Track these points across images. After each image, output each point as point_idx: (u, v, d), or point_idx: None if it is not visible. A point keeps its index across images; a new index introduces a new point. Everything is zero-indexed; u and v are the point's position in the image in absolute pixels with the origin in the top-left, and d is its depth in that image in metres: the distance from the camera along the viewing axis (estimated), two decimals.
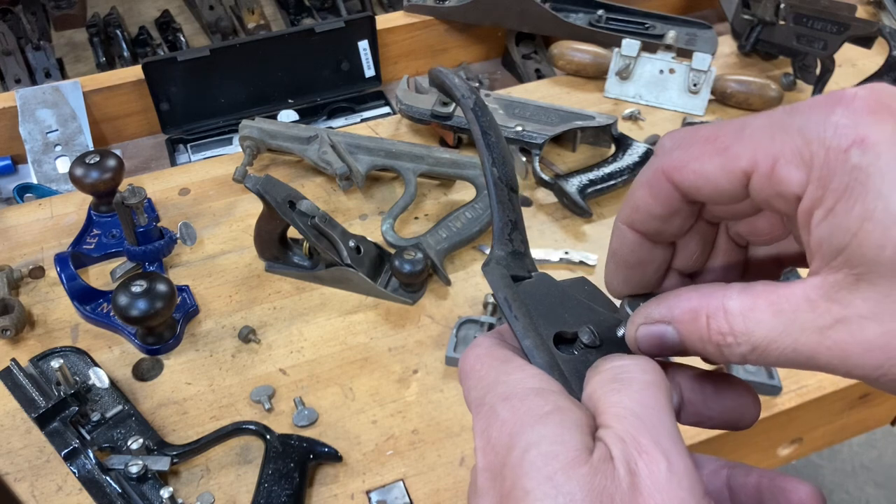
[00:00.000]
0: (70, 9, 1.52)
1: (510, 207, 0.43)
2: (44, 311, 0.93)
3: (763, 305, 0.31)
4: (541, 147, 1.07)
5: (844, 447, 2.11)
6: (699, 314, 0.33)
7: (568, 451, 0.30)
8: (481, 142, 0.43)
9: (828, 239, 0.29)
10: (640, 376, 0.34)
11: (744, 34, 1.27)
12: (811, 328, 0.30)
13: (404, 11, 1.33)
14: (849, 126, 0.28)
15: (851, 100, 0.29)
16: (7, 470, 0.78)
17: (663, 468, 0.30)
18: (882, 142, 0.28)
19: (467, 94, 0.43)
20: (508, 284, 0.40)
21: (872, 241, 0.28)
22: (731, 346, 0.32)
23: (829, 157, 0.28)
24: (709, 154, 0.32)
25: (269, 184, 0.89)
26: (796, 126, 0.30)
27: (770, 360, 0.31)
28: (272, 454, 0.77)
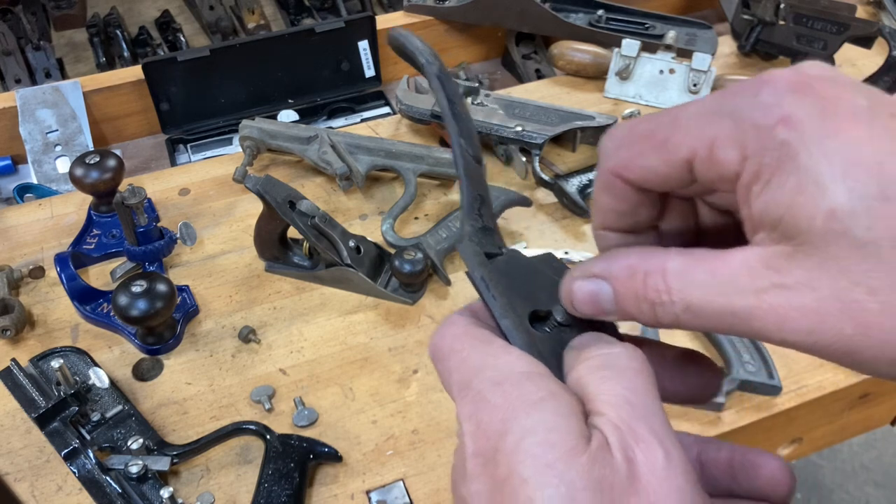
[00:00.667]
0: (70, 9, 1.52)
1: (478, 182, 0.41)
2: (44, 311, 0.93)
3: (702, 267, 0.32)
4: (541, 147, 1.07)
5: (844, 447, 2.11)
6: (637, 271, 0.33)
7: (566, 439, 0.30)
8: (448, 112, 0.41)
9: (765, 212, 0.30)
10: (630, 364, 0.34)
11: (744, 34, 1.27)
12: (748, 290, 0.30)
13: (404, 11, 1.33)
14: (774, 105, 0.30)
15: (776, 80, 0.30)
16: (7, 470, 0.78)
17: (660, 456, 0.30)
18: (805, 118, 0.29)
19: (431, 60, 0.41)
20: (483, 262, 0.39)
21: (804, 213, 0.29)
22: (666, 304, 0.32)
23: (759, 135, 0.30)
24: (649, 149, 0.33)
25: (269, 184, 0.89)
26: (727, 110, 0.31)
27: (703, 320, 0.32)
28: (272, 454, 0.77)
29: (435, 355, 0.37)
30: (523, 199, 1.01)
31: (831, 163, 0.28)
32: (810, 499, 2.04)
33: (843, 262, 0.28)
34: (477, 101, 1.12)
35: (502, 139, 1.09)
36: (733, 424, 0.83)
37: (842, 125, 0.29)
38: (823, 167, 0.28)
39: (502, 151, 1.11)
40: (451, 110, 0.41)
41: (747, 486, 0.38)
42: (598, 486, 0.29)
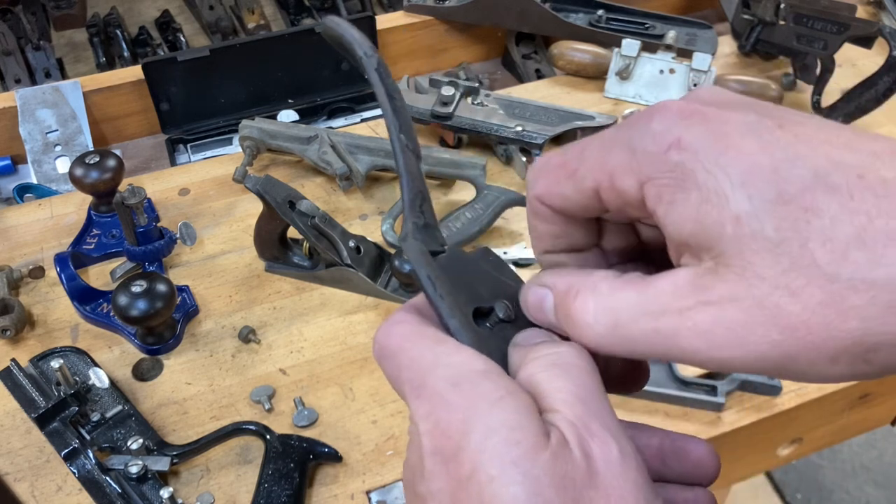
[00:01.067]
0: (70, 9, 1.52)
1: (418, 177, 0.41)
2: (44, 311, 0.93)
3: (630, 288, 0.33)
4: (541, 147, 1.07)
5: (844, 447, 2.11)
6: (571, 288, 0.34)
7: (528, 436, 0.31)
8: (387, 105, 0.40)
9: (676, 231, 0.31)
10: (578, 362, 0.34)
11: (744, 34, 1.27)
12: (673, 310, 0.31)
13: (404, 11, 1.33)
14: (664, 132, 0.31)
15: (666, 109, 0.32)
16: (7, 470, 0.78)
17: (615, 451, 0.31)
18: (695, 140, 0.30)
19: (370, 52, 0.39)
20: (429, 261, 0.39)
21: (711, 222, 0.29)
22: (591, 325, 0.33)
23: (652, 161, 0.31)
24: (562, 179, 0.35)
25: (269, 184, 0.89)
26: (623, 140, 0.32)
27: (628, 342, 0.32)
28: (272, 454, 0.77)
29: (381, 353, 0.37)
30: (523, 199, 1.01)
31: (728, 174, 0.29)
32: (810, 499, 2.04)
33: (758, 267, 0.29)
34: (477, 101, 1.12)
35: (502, 139, 1.09)
36: (733, 424, 0.83)
37: (733, 141, 0.30)
38: (721, 179, 0.29)
39: (502, 151, 1.11)
40: (391, 105, 0.40)
41: (677, 469, 0.39)
42: (562, 481, 0.30)
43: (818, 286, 0.28)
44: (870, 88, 1.10)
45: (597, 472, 0.31)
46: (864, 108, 1.11)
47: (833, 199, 0.28)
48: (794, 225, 0.28)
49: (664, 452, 0.39)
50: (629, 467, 0.31)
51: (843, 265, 0.27)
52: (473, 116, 1.10)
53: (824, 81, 1.16)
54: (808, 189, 0.28)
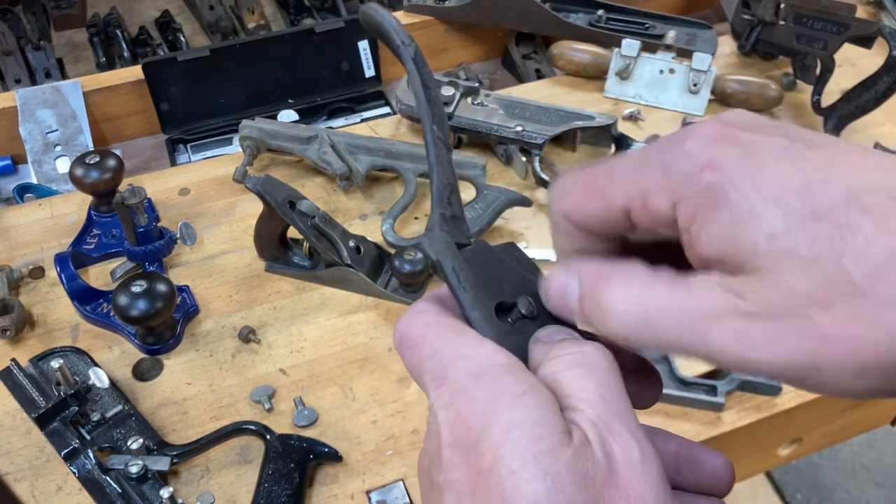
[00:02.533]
0: (70, 9, 1.52)
1: (449, 169, 0.41)
2: (44, 311, 0.93)
3: (663, 283, 0.33)
4: (541, 147, 1.07)
5: (844, 447, 2.11)
6: (602, 275, 0.34)
7: (552, 433, 0.31)
8: (422, 97, 0.40)
9: (709, 250, 0.32)
10: (601, 362, 0.35)
11: (744, 34, 1.27)
12: (707, 311, 0.31)
13: (404, 11, 1.33)
14: (698, 153, 0.32)
15: (699, 132, 0.32)
16: (7, 470, 0.78)
17: (636, 452, 0.31)
18: (729, 161, 0.31)
19: (407, 42, 0.40)
20: (455, 253, 0.39)
21: (745, 240, 0.30)
22: (620, 313, 0.33)
23: (686, 181, 0.32)
24: (589, 197, 0.35)
25: (269, 184, 0.89)
26: (656, 160, 0.33)
27: (659, 335, 0.32)
28: (272, 454, 0.77)
29: (402, 343, 0.37)
30: (523, 199, 1.01)
31: (761, 194, 0.30)
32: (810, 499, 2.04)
33: (793, 283, 0.29)
34: (477, 101, 1.12)
35: (502, 139, 1.09)
36: (733, 424, 0.83)
37: (765, 163, 0.31)
38: (754, 198, 0.30)
39: (502, 151, 1.11)
40: (425, 95, 0.40)
41: (691, 479, 0.39)
42: (583, 479, 0.30)
43: (851, 301, 0.28)
44: (870, 88, 1.10)
45: (617, 471, 0.31)
46: (864, 108, 1.11)
47: (867, 217, 0.29)
48: (828, 242, 0.29)
49: (679, 460, 0.39)
50: (649, 468, 0.31)
51: (877, 282, 0.28)
52: (473, 116, 1.10)
53: (824, 81, 1.16)
54: (841, 207, 0.29)
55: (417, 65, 0.40)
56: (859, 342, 0.28)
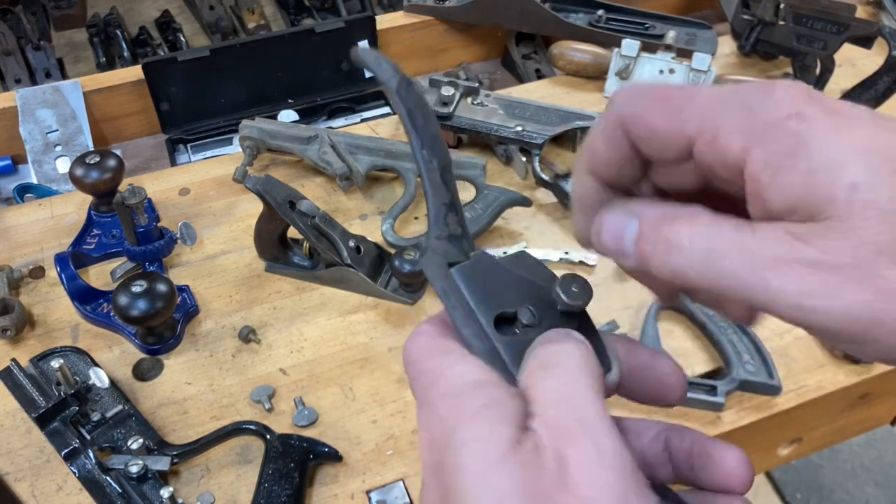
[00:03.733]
0: (70, 9, 1.52)
1: (443, 189, 0.41)
2: (44, 311, 0.93)
3: (728, 225, 0.33)
4: (541, 147, 1.07)
5: (844, 447, 2.11)
6: (667, 214, 0.34)
7: (498, 446, 0.31)
8: (409, 125, 0.41)
9: (780, 197, 0.31)
10: (566, 360, 0.34)
11: (744, 34, 1.27)
12: (770, 253, 0.31)
13: (404, 11, 1.33)
14: (787, 102, 0.32)
15: (788, 85, 0.32)
16: (7, 470, 0.78)
17: (591, 453, 0.31)
18: (816, 114, 0.31)
19: (391, 75, 0.41)
20: (445, 274, 0.39)
21: (823, 190, 0.30)
22: (684, 249, 0.33)
23: (770, 126, 0.31)
24: (661, 112, 0.35)
25: (269, 184, 0.89)
26: (740, 101, 0.33)
27: (722, 274, 0.32)
28: (272, 454, 0.77)
29: (405, 363, 0.38)
30: (523, 199, 1.01)
31: (844, 149, 0.30)
32: (810, 499, 2.04)
33: (866, 232, 0.29)
34: (477, 101, 1.12)
35: (502, 139, 1.09)
36: (733, 424, 0.83)
37: (850, 122, 0.31)
38: (837, 151, 0.30)
39: (502, 151, 1.11)
40: (411, 124, 0.41)
41: (706, 477, 0.38)
42: (527, 489, 0.30)
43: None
44: (869, 88, 1.10)
45: (570, 476, 0.30)
46: None
47: None
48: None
49: (692, 456, 0.38)
50: (606, 468, 0.30)
51: None
52: (473, 116, 1.10)
53: (824, 81, 1.16)
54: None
55: (401, 96, 0.41)
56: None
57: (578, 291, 0.38)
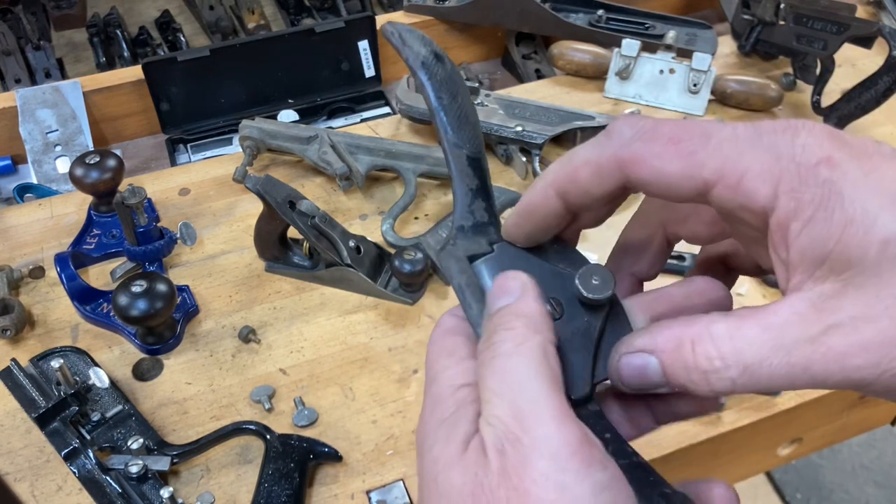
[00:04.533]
0: (70, 9, 1.52)
1: (470, 175, 0.40)
2: (44, 311, 0.93)
3: (750, 324, 0.31)
4: (541, 147, 1.07)
5: (844, 447, 2.11)
6: (683, 341, 0.33)
7: (449, 451, 0.33)
8: (434, 103, 0.39)
9: (810, 249, 0.30)
10: (510, 348, 0.34)
11: (744, 34, 1.27)
12: (803, 339, 0.30)
13: (404, 11, 1.33)
14: (815, 146, 0.30)
15: (812, 126, 0.31)
16: (7, 470, 0.78)
17: (526, 444, 0.31)
18: (845, 159, 0.30)
19: (415, 50, 0.39)
20: (463, 269, 0.38)
21: (855, 244, 0.29)
22: (720, 370, 0.31)
23: (800, 172, 0.30)
24: (672, 155, 0.33)
25: (269, 184, 0.89)
26: (765, 144, 0.31)
27: (762, 380, 0.31)
28: (272, 454, 0.77)
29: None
30: None
31: (877, 196, 0.29)
32: (810, 499, 2.04)
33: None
34: (477, 101, 1.12)
35: (502, 139, 1.09)
36: (733, 424, 0.83)
37: (878, 164, 0.30)
38: (870, 201, 0.29)
39: (502, 151, 1.11)
40: (437, 102, 0.39)
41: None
42: (471, 489, 0.31)
43: None
44: (870, 88, 1.10)
45: (508, 470, 0.31)
46: (864, 108, 1.11)
47: None
48: None
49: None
50: (540, 457, 0.30)
51: None
52: None
53: (824, 81, 1.16)
54: None
55: (426, 69, 0.39)
56: None
57: (599, 283, 0.37)
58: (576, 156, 0.36)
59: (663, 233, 0.41)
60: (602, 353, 0.37)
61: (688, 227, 0.40)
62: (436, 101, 0.39)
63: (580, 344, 0.37)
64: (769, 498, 2.05)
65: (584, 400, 0.37)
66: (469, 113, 0.40)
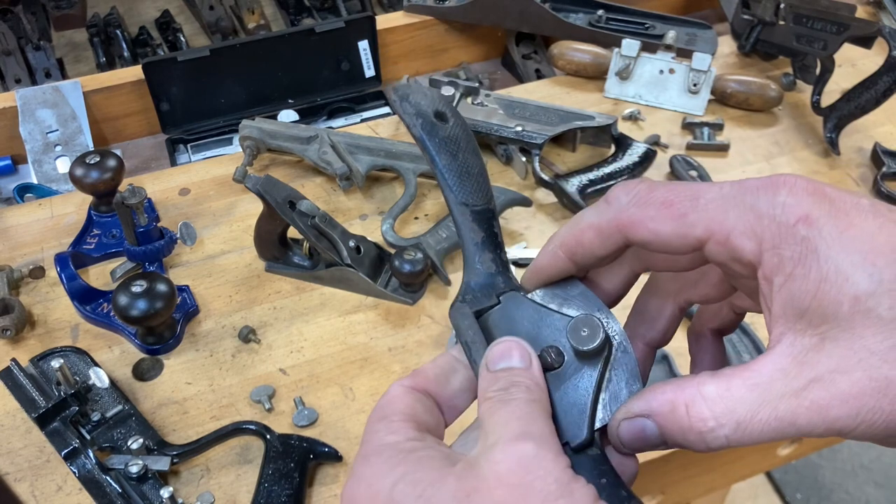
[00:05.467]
0: (70, 9, 1.52)
1: (475, 229, 0.42)
2: (44, 311, 0.93)
3: (738, 383, 0.34)
4: (541, 147, 1.07)
5: (844, 447, 2.11)
6: (677, 404, 0.35)
7: (429, 474, 0.34)
8: (435, 169, 0.41)
9: (790, 303, 0.33)
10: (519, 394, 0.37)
11: (744, 34, 1.27)
12: (788, 393, 0.32)
13: (404, 11, 1.33)
14: (794, 205, 0.33)
15: (793, 183, 0.34)
16: (7, 470, 0.78)
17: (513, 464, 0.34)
18: (822, 217, 0.32)
19: (413, 122, 0.41)
20: (471, 326, 0.40)
21: (829, 300, 0.31)
22: (714, 430, 0.34)
23: (779, 231, 0.33)
24: (665, 218, 0.36)
25: (269, 184, 0.89)
26: (747, 203, 0.34)
27: (753, 435, 0.33)
28: (272, 454, 0.77)
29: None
30: (523, 199, 1.01)
31: (850, 254, 0.31)
32: (810, 499, 2.04)
33: (869, 341, 0.31)
34: (477, 101, 1.12)
35: (502, 139, 1.09)
36: None
37: (854, 221, 0.32)
38: (843, 258, 0.31)
39: (502, 151, 1.11)
40: (436, 166, 0.41)
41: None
42: (466, 493, 0.33)
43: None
44: (869, 88, 1.10)
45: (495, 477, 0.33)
46: (863, 108, 1.11)
47: None
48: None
49: None
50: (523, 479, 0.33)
51: None
52: (473, 116, 1.10)
53: (824, 81, 1.16)
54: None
55: (423, 141, 0.41)
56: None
57: (588, 334, 0.38)
58: (581, 220, 0.39)
59: (675, 301, 0.44)
60: (603, 397, 0.39)
61: (698, 291, 0.43)
62: (437, 162, 0.41)
63: (580, 391, 0.39)
64: (769, 498, 2.05)
65: (585, 445, 0.38)
66: (471, 166, 0.42)
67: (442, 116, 0.42)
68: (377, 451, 0.37)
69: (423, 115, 0.41)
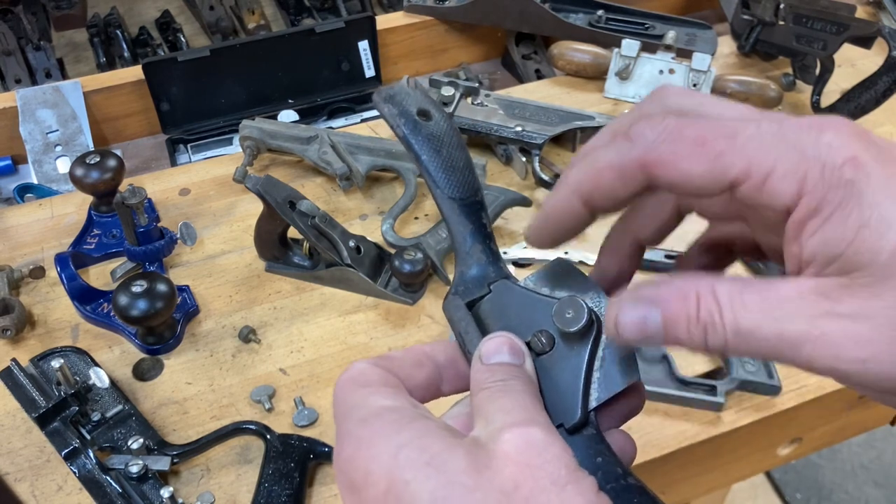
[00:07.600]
0: (70, 9, 1.52)
1: (463, 221, 0.42)
2: (44, 311, 0.93)
3: (752, 291, 0.32)
4: (541, 147, 1.07)
5: (844, 447, 2.11)
6: (688, 293, 0.33)
7: (438, 441, 0.33)
8: (420, 163, 0.41)
9: (822, 248, 0.31)
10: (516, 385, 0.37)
11: (743, 34, 1.27)
12: (801, 316, 0.31)
13: (404, 12, 1.33)
14: (841, 146, 0.30)
15: (839, 125, 0.31)
16: (7, 470, 0.78)
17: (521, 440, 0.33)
18: (870, 161, 0.30)
19: (396, 122, 0.41)
20: (463, 317, 0.41)
21: (868, 247, 0.29)
22: (717, 325, 0.32)
23: (824, 172, 0.30)
24: (698, 157, 0.33)
25: (269, 184, 0.89)
26: (790, 142, 0.31)
27: (753, 344, 0.32)
28: (272, 454, 0.77)
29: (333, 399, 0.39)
30: (523, 199, 1.01)
31: (894, 202, 0.29)
32: (810, 499, 2.04)
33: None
34: (477, 102, 1.12)
35: (502, 139, 1.09)
36: (733, 424, 0.83)
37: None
38: (889, 205, 0.29)
39: (502, 151, 1.11)
40: (421, 164, 0.41)
41: None
42: (475, 468, 0.32)
43: None
44: (869, 88, 1.10)
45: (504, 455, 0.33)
46: (863, 108, 1.11)
47: None
48: None
49: None
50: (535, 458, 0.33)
51: None
52: (473, 116, 1.10)
53: (824, 81, 1.16)
54: None
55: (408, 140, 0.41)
56: None
57: (573, 316, 0.38)
58: (597, 160, 0.36)
59: (675, 202, 0.41)
60: (597, 376, 0.39)
61: (702, 203, 0.40)
62: (422, 159, 0.41)
63: (571, 373, 0.39)
64: (769, 498, 2.05)
65: (579, 426, 0.38)
66: (457, 160, 0.42)
67: (426, 114, 0.42)
68: (377, 413, 0.35)
69: (405, 114, 0.41)
